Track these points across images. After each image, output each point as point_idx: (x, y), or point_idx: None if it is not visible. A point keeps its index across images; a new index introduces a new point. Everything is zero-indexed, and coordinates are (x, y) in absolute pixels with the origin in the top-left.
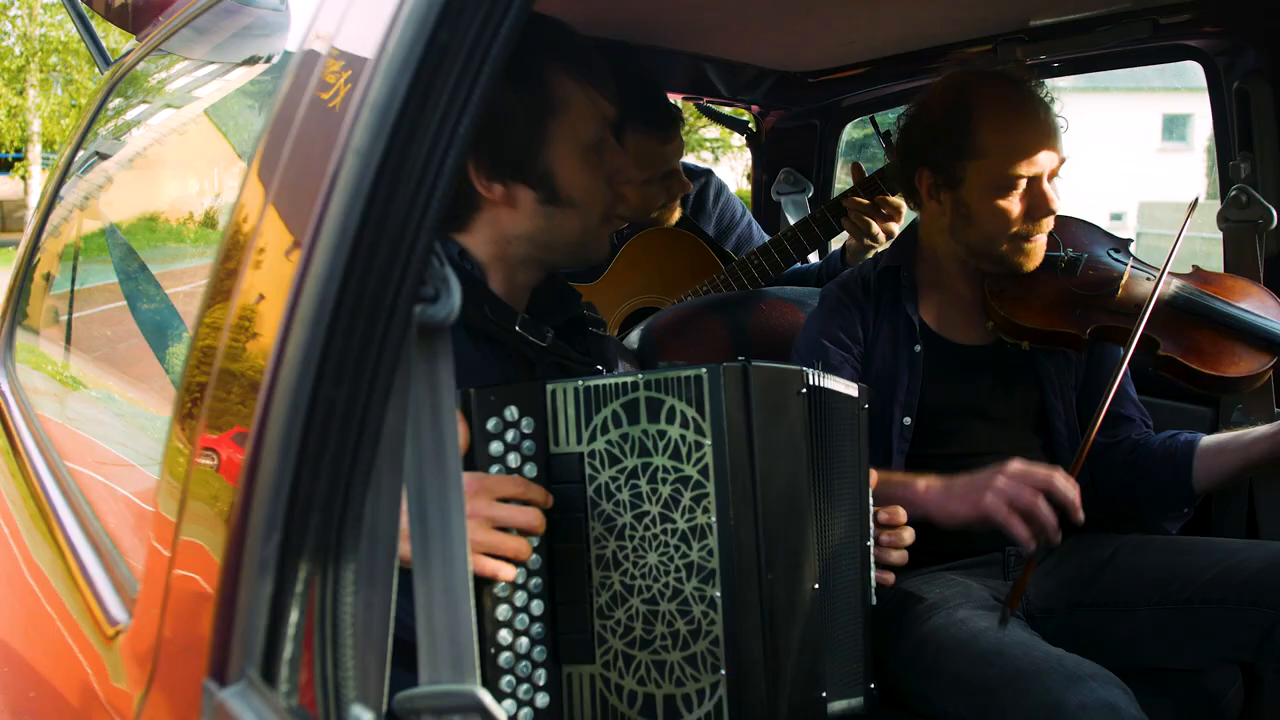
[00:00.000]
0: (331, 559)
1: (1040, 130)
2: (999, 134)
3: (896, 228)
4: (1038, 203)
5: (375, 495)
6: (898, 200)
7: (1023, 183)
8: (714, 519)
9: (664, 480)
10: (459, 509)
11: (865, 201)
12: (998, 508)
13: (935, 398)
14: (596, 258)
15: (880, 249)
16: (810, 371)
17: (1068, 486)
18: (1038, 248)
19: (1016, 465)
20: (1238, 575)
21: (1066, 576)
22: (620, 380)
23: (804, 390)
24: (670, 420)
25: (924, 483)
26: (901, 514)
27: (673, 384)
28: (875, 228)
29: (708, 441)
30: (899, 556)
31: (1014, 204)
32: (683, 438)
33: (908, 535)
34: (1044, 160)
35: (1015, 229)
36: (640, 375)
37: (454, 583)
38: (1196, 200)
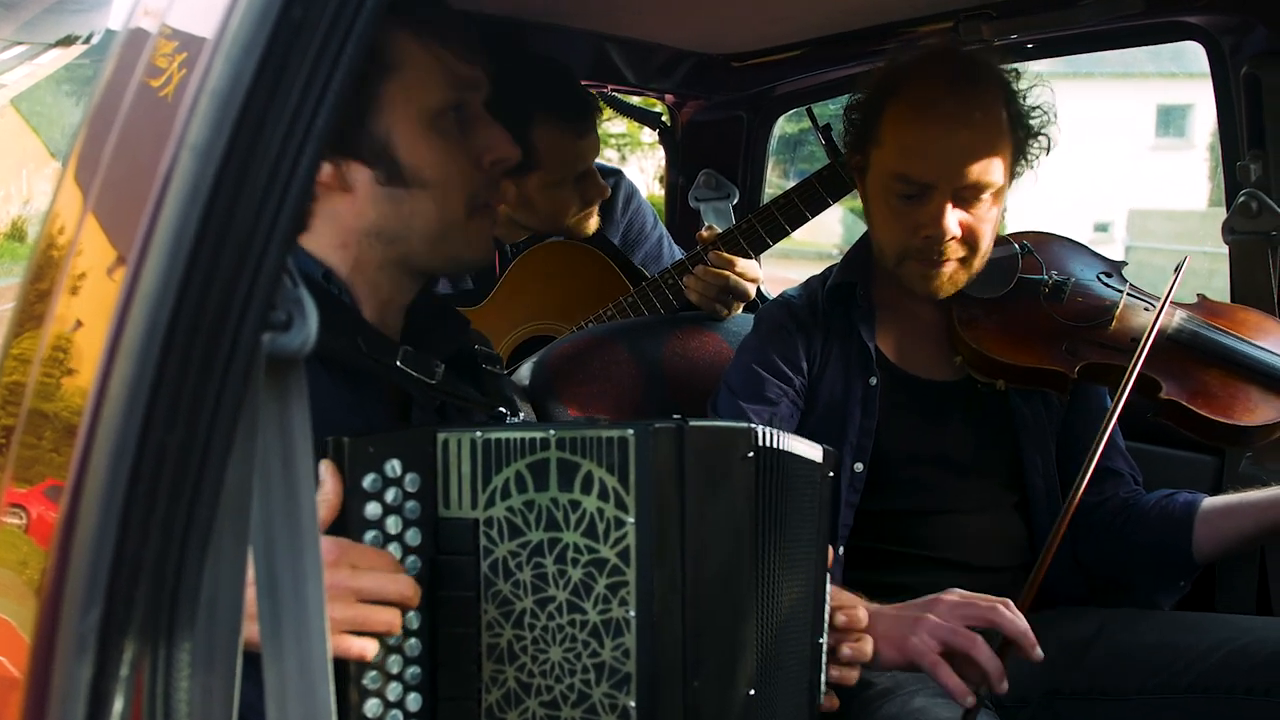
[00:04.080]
0: (163, 636)
1: (952, 135)
2: (899, 125)
3: (752, 290)
4: (925, 220)
5: (215, 561)
6: (751, 267)
7: (912, 187)
8: (633, 613)
9: (574, 562)
10: (315, 577)
11: (721, 273)
12: (925, 653)
13: (892, 441)
14: (470, 257)
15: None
16: (761, 429)
17: (1015, 620)
18: (940, 276)
19: (953, 597)
20: (1248, 659)
21: (1044, 658)
22: (528, 435)
23: (751, 454)
24: (586, 489)
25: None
26: (862, 617)
27: (591, 445)
28: (721, 309)
29: (630, 519)
30: (855, 675)
31: (901, 211)
32: (600, 512)
33: (868, 648)
34: (942, 172)
35: (901, 242)
36: (552, 430)
37: (310, 664)
38: (1184, 262)
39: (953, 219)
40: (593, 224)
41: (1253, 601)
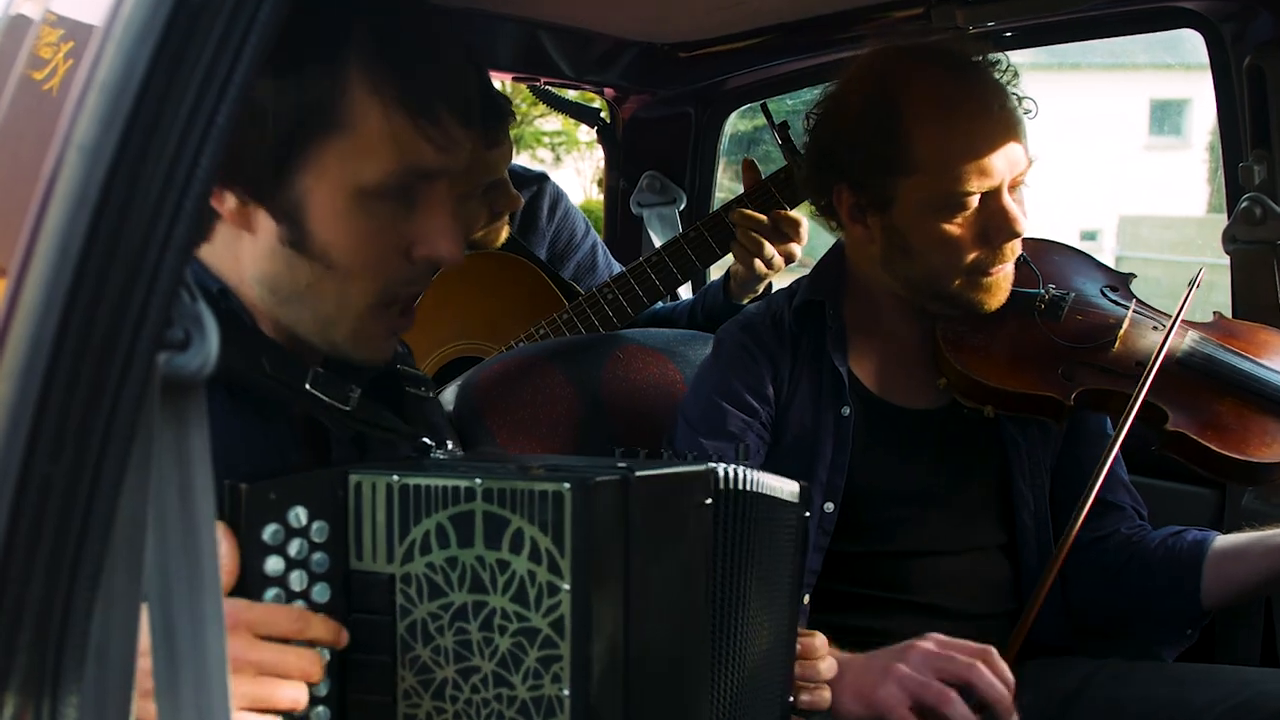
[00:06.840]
0: (47, 688)
1: (995, 129)
2: (939, 141)
3: (799, 250)
4: (996, 223)
5: (106, 604)
6: (798, 216)
7: (974, 200)
8: (566, 691)
9: (502, 629)
10: (216, 623)
11: (759, 216)
12: (896, 705)
13: (868, 477)
14: (357, 355)
15: (789, 278)
16: (723, 469)
17: (993, 684)
18: (1002, 280)
19: (929, 645)
20: (1254, 712)
21: (1022, 716)
22: (450, 483)
23: (709, 500)
24: (516, 549)
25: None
26: (820, 644)
27: (521, 499)
28: (769, 249)
29: (565, 586)
30: (824, 698)
31: (965, 228)
32: (531, 575)
33: (827, 695)
34: (1001, 168)
35: (969, 259)
36: (478, 479)
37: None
38: (1200, 274)
39: (1018, 209)
40: (503, 236)
41: (1257, 653)
